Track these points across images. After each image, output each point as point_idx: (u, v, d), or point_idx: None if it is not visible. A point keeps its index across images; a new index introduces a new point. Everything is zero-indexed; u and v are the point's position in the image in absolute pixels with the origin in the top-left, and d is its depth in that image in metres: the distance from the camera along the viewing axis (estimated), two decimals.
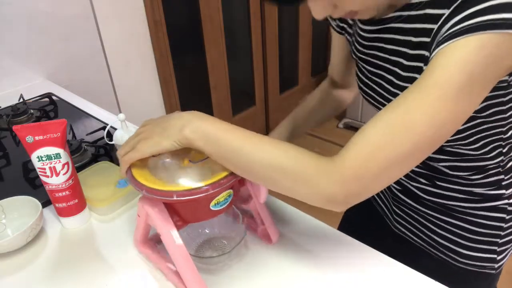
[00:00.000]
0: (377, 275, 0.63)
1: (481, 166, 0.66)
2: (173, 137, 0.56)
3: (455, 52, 0.46)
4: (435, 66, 0.47)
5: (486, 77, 0.47)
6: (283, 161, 0.52)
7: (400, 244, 0.83)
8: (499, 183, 0.68)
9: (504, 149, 0.65)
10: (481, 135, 0.61)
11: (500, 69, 0.48)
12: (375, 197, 0.89)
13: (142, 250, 0.68)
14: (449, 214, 0.72)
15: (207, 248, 0.68)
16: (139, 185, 0.57)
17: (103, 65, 1.66)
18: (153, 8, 1.76)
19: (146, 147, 0.57)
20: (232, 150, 0.54)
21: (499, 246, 0.72)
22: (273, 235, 0.68)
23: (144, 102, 1.91)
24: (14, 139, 1.07)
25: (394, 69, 0.63)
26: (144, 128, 0.60)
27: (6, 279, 0.66)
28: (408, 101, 0.48)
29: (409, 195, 0.76)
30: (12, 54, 1.36)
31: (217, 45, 2.23)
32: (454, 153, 0.65)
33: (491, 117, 0.59)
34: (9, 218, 0.76)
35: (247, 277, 0.64)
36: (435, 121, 0.47)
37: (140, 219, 0.63)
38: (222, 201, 0.59)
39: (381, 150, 0.48)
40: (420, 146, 0.48)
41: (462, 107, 0.48)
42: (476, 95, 0.48)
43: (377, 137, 0.49)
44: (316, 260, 0.66)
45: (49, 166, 0.69)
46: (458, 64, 0.46)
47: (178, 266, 0.59)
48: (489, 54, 0.45)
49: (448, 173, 0.69)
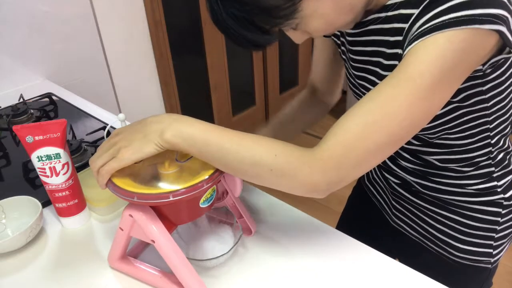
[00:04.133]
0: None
1: (470, 158, 0.68)
2: (155, 141, 0.55)
3: (426, 49, 0.49)
4: (408, 62, 0.50)
5: (456, 70, 0.50)
6: (267, 156, 0.54)
7: (398, 238, 0.84)
8: (490, 175, 0.70)
9: (492, 140, 0.67)
10: (467, 125, 0.64)
11: (470, 62, 0.51)
12: (374, 193, 0.90)
13: (120, 267, 0.65)
14: (446, 208, 0.74)
15: (200, 249, 0.66)
16: (128, 194, 0.54)
17: (103, 65, 1.66)
18: (153, 8, 1.76)
19: (128, 154, 0.56)
20: (216, 150, 0.55)
21: (495, 240, 0.73)
22: (253, 226, 0.69)
23: (144, 102, 1.91)
24: (14, 139, 1.07)
25: (375, 69, 0.65)
26: (119, 137, 0.58)
27: (6, 279, 0.66)
28: (384, 94, 0.51)
29: (407, 189, 0.77)
30: (12, 54, 1.36)
31: (217, 45, 2.23)
32: (443, 145, 0.67)
33: (474, 106, 0.61)
34: (9, 218, 0.76)
35: (243, 273, 0.64)
36: (410, 113, 0.50)
37: (122, 232, 0.60)
38: (209, 197, 0.59)
39: (359, 140, 0.51)
40: (396, 135, 0.52)
41: (435, 99, 0.51)
42: (448, 87, 0.52)
43: (355, 128, 0.52)
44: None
45: (49, 166, 0.69)
46: (429, 60, 0.49)
47: (176, 270, 0.58)
48: (457, 48, 0.48)
49: (439, 166, 0.70)
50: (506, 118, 0.65)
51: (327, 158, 0.52)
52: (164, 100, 1.99)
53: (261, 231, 0.72)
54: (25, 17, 1.35)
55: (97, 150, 0.60)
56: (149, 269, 0.64)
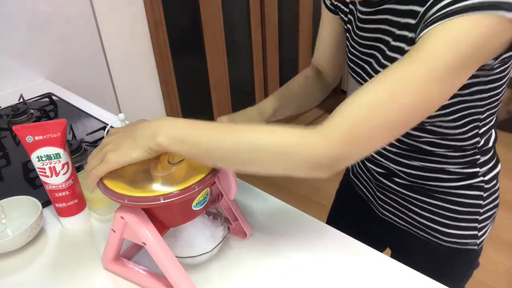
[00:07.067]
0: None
1: (458, 146, 0.69)
2: (145, 146, 0.55)
3: (446, 32, 0.48)
4: (426, 44, 0.49)
5: (474, 57, 0.49)
6: (265, 138, 0.52)
7: (386, 228, 0.85)
8: (474, 162, 0.71)
9: (480, 130, 0.68)
10: (462, 114, 0.64)
11: (489, 50, 0.50)
12: (359, 185, 0.91)
13: (114, 268, 0.66)
14: (430, 195, 0.75)
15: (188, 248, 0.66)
16: (119, 196, 0.54)
17: (103, 65, 1.66)
18: (153, 8, 1.76)
19: (115, 158, 0.56)
20: (210, 141, 0.54)
21: (479, 222, 0.75)
22: (247, 229, 0.69)
23: (144, 102, 1.91)
24: (14, 139, 1.07)
25: (383, 48, 0.65)
26: (110, 139, 0.59)
27: (6, 279, 0.66)
28: (398, 72, 0.50)
29: (391, 179, 0.78)
30: (12, 54, 1.36)
31: (217, 45, 2.23)
32: (434, 132, 0.67)
33: (471, 96, 0.61)
34: (9, 218, 0.76)
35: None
36: (424, 92, 0.49)
37: (115, 234, 0.60)
38: (202, 200, 0.59)
39: (368, 115, 0.49)
40: (405, 116, 0.50)
41: (448, 85, 0.50)
42: (463, 73, 0.50)
43: (365, 104, 0.50)
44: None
45: (49, 166, 0.69)
46: (449, 43, 0.48)
47: (167, 272, 0.58)
48: (480, 34, 0.47)
49: (426, 149, 0.70)
50: (495, 111, 0.67)
51: (331, 131, 0.50)
52: (164, 100, 1.99)
53: (255, 230, 0.72)
54: (25, 17, 1.35)
55: (93, 151, 0.60)
56: (141, 271, 0.64)
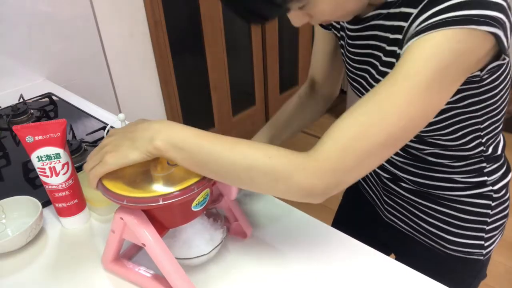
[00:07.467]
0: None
1: (463, 156, 0.69)
2: (142, 149, 0.54)
3: (422, 47, 0.49)
4: (405, 60, 0.50)
5: (452, 70, 0.49)
6: (260, 159, 0.52)
7: (391, 232, 0.85)
8: (481, 170, 0.70)
9: (483, 140, 0.67)
10: (458, 126, 0.64)
11: (470, 63, 0.50)
12: (366, 188, 0.90)
13: (114, 268, 0.65)
14: (436, 202, 0.74)
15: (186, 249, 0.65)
16: (118, 196, 0.54)
17: (103, 65, 1.66)
18: (153, 8, 1.76)
19: (113, 160, 0.55)
20: (208, 154, 0.53)
21: (486, 232, 0.74)
22: (247, 230, 0.69)
23: (144, 102, 1.91)
24: (14, 139, 1.07)
25: (376, 63, 0.65)
26: (109, 140, 0.58)
27: (6, 279, 0.66)
28: (380, 94, 0.50)
29: (398, 184, 0.78)
30: (12, 54, 1.36)
31: (217, 45, 2.23)
32: (435, 144, 0.67)
33: (467, 108, 0.61)
34: (9, 218, 0.76)
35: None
36: (407, 113, 0.49)
37: (114, 235, 0.60)
38: (201, 200, 0.59)
39: (356, 141, 0.50)
40: (393, 136, 0.50)
41: (432, 99, 0.50)
42: (445, 87, 0.51)
43: (351, 129, 0.50)
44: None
45: (49, 166, 0.69)
46: (425, 57, 0.48)
47: (166, 273, 0.57)
48: (453, 48, 0.48)
49: (431, 161, 0.71)
50: (498, 118, 0.66)
51: (323, 160, 0.50)
52: (164, 100, 1.99)
53: (255, 230, 0.72)
54: (25, 17, 1.35)
55: (93, 151, 0.60)
56: (141, 271, 0.63)
